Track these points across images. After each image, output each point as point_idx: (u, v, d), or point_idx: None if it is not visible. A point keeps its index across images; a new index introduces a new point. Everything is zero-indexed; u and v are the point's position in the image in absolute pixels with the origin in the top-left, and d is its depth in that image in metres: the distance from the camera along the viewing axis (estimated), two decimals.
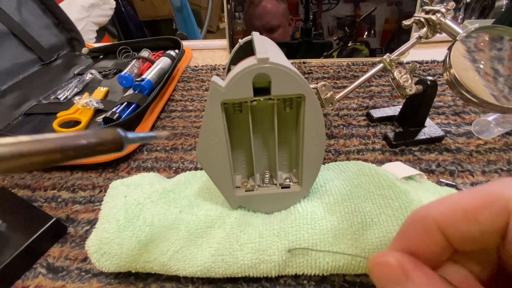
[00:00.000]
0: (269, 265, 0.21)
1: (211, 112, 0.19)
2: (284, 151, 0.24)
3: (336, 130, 0.37)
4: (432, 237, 0.13)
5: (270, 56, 0.17)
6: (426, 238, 0.13)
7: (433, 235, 0.13)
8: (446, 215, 0.12)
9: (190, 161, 0.35)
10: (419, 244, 0.13)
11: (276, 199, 0.23)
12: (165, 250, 0.22)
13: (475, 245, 0.12)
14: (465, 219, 0.12)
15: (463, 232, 0.12)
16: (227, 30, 0.56)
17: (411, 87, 0.32)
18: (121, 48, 0.57)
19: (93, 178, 0.33)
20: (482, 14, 0.84)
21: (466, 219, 0.12)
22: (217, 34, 1.86)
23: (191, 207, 0.24)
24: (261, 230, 0.22)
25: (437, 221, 0.13)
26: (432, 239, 0.13)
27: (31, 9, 0.52)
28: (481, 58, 0.29)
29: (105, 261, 0.22)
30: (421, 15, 0.33)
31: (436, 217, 0.13)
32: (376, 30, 0.53)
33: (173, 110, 0.44)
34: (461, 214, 0.12)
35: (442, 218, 0.12)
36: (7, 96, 0.44)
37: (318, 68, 0.51)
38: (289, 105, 0.21)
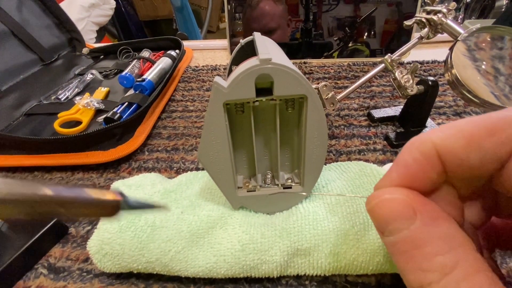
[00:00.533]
0: (271, 266, 0.21)
1: (213, 112, 0.19)
2: (286, 151, 0.24)
3: (337, 130, 0.37)
4: (430, 164, 0.12)
5: (272, 57, 0.17)
6: (425, 164, 0.12)
7: (432, 161, 0.12)
8: (447, 140, 0.12)
9: (191, 161, 0.35)
10: (417, 171, 0.13)
11: (278, 200, 0.23)
12: (166, 250, 0.22)
13: (471, 172, 0.12)
14: (467, 145, 0.11)
15: (462, 159, 0.12)
16: (227, 31, 0.56)
17: (412, 87, 0.32)
18: (121, 48, 0.57)
19: (94, 178, 0.33)
20: (482, 14, 0.84)
21: (469, 145, 0.11)
22: (217, 34, 1.86)
23: (192, 207, 0.24)
24: (263, 231, 0.22)
25: (437, 146, 0.12)
26: (431, 166, 0.12)
27: (32, 9, 0.52)
28: (482, 57, 0.29)
29: (106, 261, 0.22)
30: (423, 15, 0.33)
31: (436, 143, 0.12)
32: (376, 31, 0.53)
33: (174, 110, 0.44)
34: (464, 141, 0.12)
35: (442, 144, 0.12)
36: (7, 96, 0.44)
37: (318, 68, 0.51)
38: (291, 106, 0.21)
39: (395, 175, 0.13)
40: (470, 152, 0.11)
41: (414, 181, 0.13)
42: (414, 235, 0.12)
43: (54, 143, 0.34)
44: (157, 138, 0.39)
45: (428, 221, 0.12)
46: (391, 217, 0.12)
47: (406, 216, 0.12)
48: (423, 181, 0.13)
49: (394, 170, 0.13)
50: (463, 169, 0.12)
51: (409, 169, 0.13)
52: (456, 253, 0.11)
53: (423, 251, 0.11)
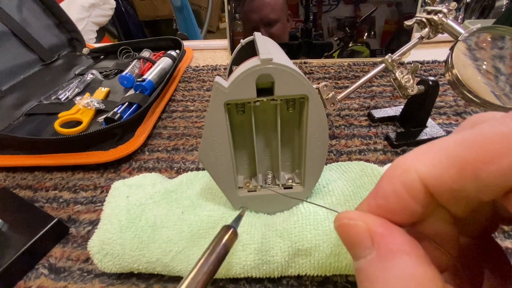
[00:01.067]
0: (272, 266, 0.21)
1: (214, 112, 0.19)
2: (286, 151, 0.24)
3: (338, 130, 0.37)
4: (413, 197, 0.11)
5: (273, 57, 0.17)
6: (406, 198, 0.11)
7: (415, 195, 0.10)
8: (435, 170, 0.10)
9: (192, 161, 0.35)
10: (396, 205, 0.11)
11: (279, 200, 0.23)
12: (167, 250, 0.22)
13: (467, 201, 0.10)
14: (460, 176, 0.09)
15: (455, 190, 0.10)
16: (227, 31, 0.56)
17: (412, 87, 0.32)
18: (122, 48, 0.57)
19: (94, 178, 0.33)
20: (482, 14, 0.84)
21: (462, 176, 0.09)
22: (217, 34, 1.86)
23: (193, 207, 0.24)
24: (263, 231, 0.22)
25: (422, 178, 0.10)
26: (414, 200, 0.11)
27: (32, 9, 0.52)
28: (482, 57, 0.29)
29: (107, 261, 0.22)
30: (423, 15, 0.33)
31: (422, 173, 0.10)
32: (376, 31, 0.53)
33: (174, 110, 0.44)
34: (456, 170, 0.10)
35: (430, 175, 0.10)
36: (8, 96, 0.44)
37: (319, 68, 0.51)
38: (292, 106, 0.21)
39: (373, 204, 0.12)
40: (464, 183, 0.10)
41: (393, 214, 0.11)
42: (368, 267, 0.10)
43: (55, 143, 0.34)
44: (158, 138, 0.39)
45: (386, 256, 0.10)
46: (351, 242, 0.11)
47: (364, 245, 0.11)
48: (404, 215, 0.11)
49: (372, 198, 0.12)
50: (457, 200, 0.10)
51: (388, 202, 0.11)
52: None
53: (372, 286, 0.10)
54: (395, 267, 0.10)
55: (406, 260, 0.10)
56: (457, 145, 0.10)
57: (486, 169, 0.09)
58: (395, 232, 0.11)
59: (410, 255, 0.10)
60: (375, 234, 0.11)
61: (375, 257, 0.10)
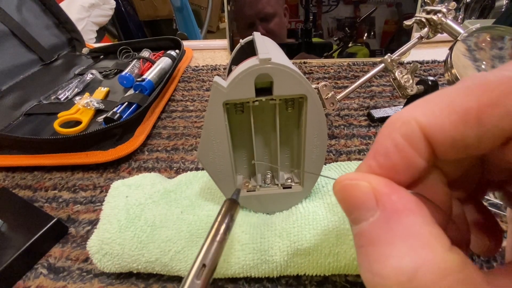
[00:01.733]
0: (271, 266, 0.21)
1: (212, 112, 0.19)
2: (285, 151, 0.24)
3: (337, 130, 0.37)
4: (416, 149, 0.10)
5: (272, 57, 0.17)
6: (409, 151, 0.10)
7: (418, 146, 0.10)
8: (436, 118, 0.10)
9: (191, 161, 0.35)
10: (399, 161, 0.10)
11: (278, 200, 0.23)
12: (166, 250, 0.22)
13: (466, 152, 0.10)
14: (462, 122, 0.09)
15: (456, 139, 0.10)
16: (227, 30, 0.56)
17: (412, 87, 0.32)
18: (121, 48, 0.57)
19: (94, 178, 0.33)
20: (482, 14, 0.84)
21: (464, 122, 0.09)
22: (217, 34, 1.86)
23: (192, 207, 0.24)
24: (262, 231, 0.22)
25: (423, 126, 0.10)
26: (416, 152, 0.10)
27: (32, 9, 0.52)
28: (482, 57, 0.29)
29: (106, 261, 0.22)
30: (422, 15, 0.33)
31: (422, 122, 0.10)
32: (376, 32, 0.53)
33: (174, 110, 0.44)
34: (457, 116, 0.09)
35: (430, 123, 0.10)
36: (7, 96, 0.44)
37: (318, 68, 0.51)
38: (291, 105, 0.21)
39: (374, 164, 0.11)
40: (466, 130, 0.09)
41: (395, 172, 0.11)
42: (371, 230, 0.10)
43: (54, 143, 0.34)
44: (157, 138, 0.39)
45: (391, 215, 0.10)
46: (352, 205, 0.11)
47: (367, 207, 0.10)
48: (408, 171, 0.11)
49: (372, 158, 0.11)
50: (457, 150, 0.10)
51: (390, 158, 0.11)
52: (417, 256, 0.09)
53: (377, 250, 0.10)
54: (401, 226, 0.09)
55: (412, 219, 0.09)
56: (458, 92, 0.10)
57: (490, 112, 0.09)
58: (400, 191, 0.10)
59: (416, 215, 0.09)
60: (380, 194, 0.10)
61: (379, 217, 0.10)
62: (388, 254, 0.09)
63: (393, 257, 0.09)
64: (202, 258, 0.15)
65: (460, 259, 0.09)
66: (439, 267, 0.09)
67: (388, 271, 0.09)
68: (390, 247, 0.09)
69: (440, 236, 0.09)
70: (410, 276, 0.09)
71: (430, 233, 0.09)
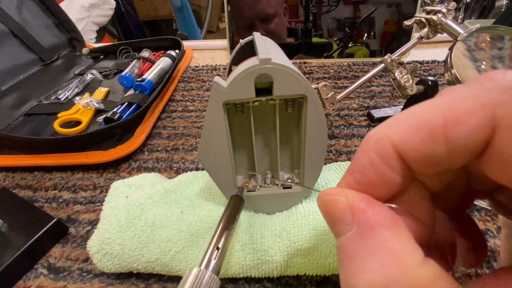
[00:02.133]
0: (271, 266, 0.21)
1: (212, 112, 0.19)
2: (285, 151, 0.24)
3: (337, 130, 0.37)
4: (390, 166, 0.10)
5: (272, 57, 0.17)
6: (383, 168, 0.11)
7: (391, 163, 0.10)
8: (406, 135, 0.10)
9: (191, 161, 0.35)
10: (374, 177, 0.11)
11: (278, 200, 0.23)
12: (166, 250, 0.22)
13: (439, 168, 0.10)
14: (430, 139, 0.10)
15: (427, 155, 0.10)
16: (227, 30, 0.56)
17: (412, 87, 0.32)
18: (121, 48, 0.57)
19: (94, 178, 0.33)
20: (482, 14, 0.84)
21: (432, 139, 0.10)
22: (217, 34, 1.86)
23: (192, 207, 0.24)
24: (262, 231, 0.22)
25: (395, 144, 0.10)
26: (390, 168, 0.11)
27: (32, 9, 0.52)
28: (481, 57, 0.29)
29: (106, 261, 0.22)
30: (422, 15, 0.33)
31: (394, 140, 0.10)
32: (376, 32, 0.53)
33: (173, 110, 0.44)
34: (426, 134, 0.10)
35: (401, 140, 0.10)
36: (7, 96, 0.44)
37: (318, 68, 0.51)
38: (291, 106, 0.21)
39: (351, 180, 0.11)
40: (435, 146, 0.10)
41: (372, 188, 0.11)
42: (348, 244, 0.10)
43: (54, 143, 0.34)
44: (157, 138, 0.39)
45: (365, 231, 0.10)
46: (332, 219, 0.11)
47: (345, 222, 0.11)
48: (384, 187, 0.11)
49: (349, 174, 0.12)
50: (430, 165, 0.10)
51: (365, 175, 0.11)
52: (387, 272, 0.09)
53: (352, 264, 0.10)
54: (374, 241, 0.10)
55: (385, 235, 0.10)
56: (426, 110, 0.10)
57: (455, 129, 0.09)
58: (376, 206, 0.10)
59: (390, 230, 0.10)
60: (356, 209, 0.10)
61: (355, 232, 0.10)
62: (361, 269, 0.09)
63: (366, 273, 0.09)
64: (215, 242, 0.17)
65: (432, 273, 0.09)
66: (409, 283, 0.09)
67: (361, 285, 0.09)
68: (363, 262, 0.09)
69: (412, 251, 0.09)
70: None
71: (402, 249, 0.09)
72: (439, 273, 0.09)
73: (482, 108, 0.09)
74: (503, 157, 0.09)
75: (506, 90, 0.09)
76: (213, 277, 0.14)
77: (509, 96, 0.09)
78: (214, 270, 0.15)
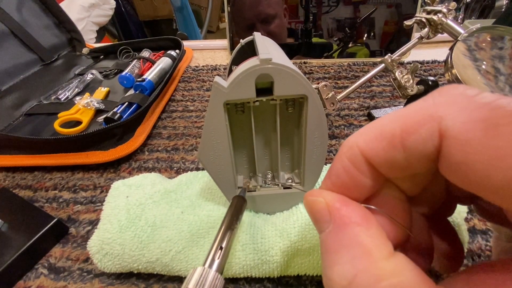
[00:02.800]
0: (272, 266, 0.21)
1: (213, 112, 0.19)
2: (286, 151, 0.24)
3: (338, 130, 0.37)
4: (360, 170, 0.12)
5: (272, 57, 0.17)
6: (355, 172, 0.12)
7: (361, 167, 0.12)
8: (371, 143, 0.11)
9: (192, 161, 0.35)
10: (347, 180, 0.12)
11: (278, 200, 0.23)
12: (167, 250, 0.22)
13: (403, 172, 0.11)
14: (390, 147, 0.11)
15: (389, 160, 0.11)
16: (227, 30, 0.56)
17: (412, 87, 0.32)
18: (121, 48, 0.57)
19: (94, 178, 0.33)
20: (482, 14, 0.84)
21: (392, 146, 0.11)
22: (217, 34, 1.86)
23: (193, 207, 0.24)
24: (263, 231, 0.22)
25: (362, 151, 0.12)
26: (361, 172, 0.12)
27: (32, 9, 0.52)
28: (482, 57, 0.29)
29: (107, 261, 0.22)
30: (423, 15, 0.33)
31: (362, 147, 0.12)
32: (376, 32, 0.53)
33: (174, 110, 0.44)
34: (386, 142, 0.11)
35: (367, 147, 0.11)
36: (7, 96, 0.44)
37: (319, 68, 0.51)
38: (292, 106, 0.21)
39: (329, 183, 0.13)
40: (394, 153, 0.11)
41: (347, 190, 0.12)
42: (326, 239, 0.12)
43: (54, 143, 0.34)
44: (157, 138, 0.39)
45: (339, 227, 0.11)
46: (314, 218, 0.12)
47: (324, 220, 0.12)
48: (357, 189, 0.12)
49: (328, 177, 0.13)
50: (394, 170, 0.11)
51: (340, 178, 0.12)
52: (356, 263, 0.10)
53: (329, 257, 0.11)
54: (347, 237, 0.11)
55: (356, 230, 0.11)
56: (388, 121, 0.11)
57: (409, 138, 0.10)
58: (350, 206, 0.12)
59: (361, 226, 0.11)
60: (332, 208, 0.12)
61: (331, 229, 0.11)
62: (335, 261, 0.11)
63: (338, 264, 0.11)
64: (219, 241, 0.17)
65: (397, 265, 0.10)
66: (374, 274, 0.10)
67: (334, 276, 0.11)
68: (337, 255, 0.11)
69: (380, 245, 0.11)
70: (350, 281, 0.10)
71: (372, 243, 0.10)
72: (405, 266, 0.10)
73: (430, 120, 0.10)
74: (450, 162, 0.10)
75: (452, 104, 0.10)
76: (217, 276, 0.15)
77: (454, 109, 0.10)
78: (218, 269, 0.15)
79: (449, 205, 0.15)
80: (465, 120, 0.09)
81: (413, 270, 0.10)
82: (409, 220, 0.13)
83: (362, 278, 0.10)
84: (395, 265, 0.10)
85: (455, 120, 0.09)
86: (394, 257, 0.10)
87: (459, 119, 0.09)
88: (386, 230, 0.12)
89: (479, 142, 0.09)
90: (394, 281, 0.09)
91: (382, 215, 0.12)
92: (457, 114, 0.09)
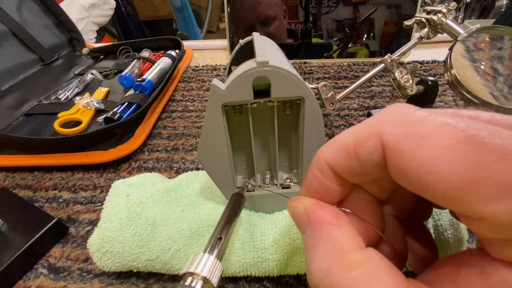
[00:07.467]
0: (271, 264, 0.21)
1: (211, 114, 0.19)
2: (284, 152, 0.24)
3: (337, 130, 0.37)
4: (328, 178, 0.14)
5: (269, 59, 0.17)
6: (323, 179, 0.14)
7: (328, 175, 0.13)
8: (333, 154, 0.13)
9: (191, 161, 0.35)
10: (318, 187, 0.14)
11: (277, 199, 0.23)
12: (167, 248, 0.22)
13: (362, 178, 0.13)
14: (347, 157, 0.13)
15: (348, 168, 0.13)
16: (227, 31, 0.56)
17: (412, 87, 0.32)
18: (121, 48, 0.57)
19: (94, 178, 0.33)
20: (482, 14, 0.83)
21: (348, 157, 0.12)
22: (217, 34, 1.86)
23: (193, 206, 0.24)
24: (263, 229, 0.22)
25: (327, 161, 0.13)
26: (328, 180, 0.14)
27: (32, 9, 0.52)
28: (481, 57, 0.29)
29: (106, 260, 0.22)
30: (422, 15, 0.33)
31: (326, 158, 0.13)
32: (376, 33, 0.53)
33: (174, 110, 0.44)
34: (344, 153, 0.13)
35: (330, 158, 0.13)
36: (7, 96, 0.44)
37: (318, 68, 0.51)
38: (289, 107, 0.22)
39: (305, 189, 0.15)
40: (351, 162, 0.12)
41: (319, 194, 0.14)
42: (306, 239, 0.13)
43: (54, 143, 0.34)
44: (157, 138, 0.39)
45: (316, 227, 0.13)
46: (296, 221, 0.14)
47: (303, 222, 0.14)
48: (328, 193, 0.14)
49: (304, 185, 0.15)
50: (354, 176, 0.13)
51: (312, 185, 0.14)
52: (330, 257, 0.12)
53: (309, 254, 0.13)
54: (322, 235, 0.13)
55: (330, 229, 0.13)
56: (346, 135, 0.13)
57: (360, 150, 0.12)
58: (324, 208, 0.14)
59: (334, 225, 0.13)
60: (309, 211, 0.14)
61: (309, 229, 0.13)
62: (314, 257, 0.12)
63: (316, 259, 0.12)
64: (218, 232, 0.18)
65: (367, 257, 0.11)
66: (346, 264, 0.11)
67: (313, 270, 0.12)
68: (314, 251, 0.12)
69: (351, 240, 0.12)
70: (325, 273, 0.11)
71: (344, 239, 0.12)
72: (374, 257, 0.11)
73: (375, 134, 0.12)
74: (393, 169, 0.11)
75: (391, 121, 0.11)
76: (217, 261, 0.16)
77: (392, 125, 0.11)
78: (217, 256, 0.16)
79: (425, 209, 0.17)
80: (399, 134, 0.11)
81: (382, 261, 0.11)
82: (380, 221, 0.15)
83: (335, 269, 0.11)
84: (365, 256, 0.11)
85: (392, 135, 0.11)
86: (364, 250, 0.12)
87: (395, 133, 0.11)
88: (358, 229, 0.13)
89: (409, 151, 0.10)
90: (363, 270, 0.11)
91: (354, 216, 0.14)
92: (394, 129, 0.11)
